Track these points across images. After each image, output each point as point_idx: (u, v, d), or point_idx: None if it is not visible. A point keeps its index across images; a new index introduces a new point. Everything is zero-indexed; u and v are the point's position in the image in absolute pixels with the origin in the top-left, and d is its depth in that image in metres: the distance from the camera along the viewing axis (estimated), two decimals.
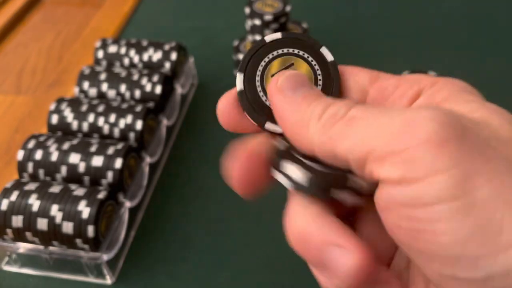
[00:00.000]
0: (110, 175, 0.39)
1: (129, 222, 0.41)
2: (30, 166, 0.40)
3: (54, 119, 0.45)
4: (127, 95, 0.48)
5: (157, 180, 0.46)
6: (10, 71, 0.62)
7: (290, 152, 0.18)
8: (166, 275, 0.39)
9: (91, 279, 0.38)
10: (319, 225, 0.17)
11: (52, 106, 0.45)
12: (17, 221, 0.36)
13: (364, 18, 0.67)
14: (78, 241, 0.36)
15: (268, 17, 0.52)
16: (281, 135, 0.19)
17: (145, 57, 0.51)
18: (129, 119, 0.43)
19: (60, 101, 0.46)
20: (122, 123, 0.43)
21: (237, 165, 0.18)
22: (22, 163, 0.41)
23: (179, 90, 0.51)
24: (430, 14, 0.67)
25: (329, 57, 0.20)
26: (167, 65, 0.51)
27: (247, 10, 0.53)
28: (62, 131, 0.45)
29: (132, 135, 0.43)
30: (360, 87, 0.19)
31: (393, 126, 0.15)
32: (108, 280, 0.38)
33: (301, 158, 0.17)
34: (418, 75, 0.19)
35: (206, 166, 0.47)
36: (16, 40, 0.67)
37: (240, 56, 0.54)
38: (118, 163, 0.39)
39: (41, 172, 0.40)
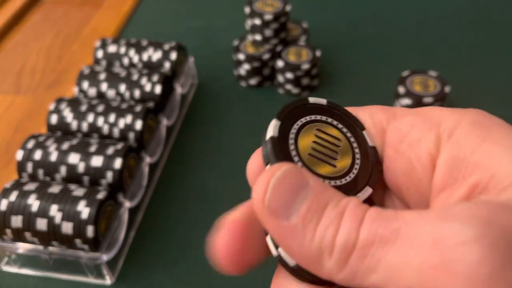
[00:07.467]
0: (109, 175, 0.39)
1: (129, 222, 0.40)
2: (29, 166, 0.40)
3: (54, 119, 0.45)
4: (127, 95, 0.47)
5: (157, 180, 0.46)
6: (10, 71, 0.62)
7: None
8: (166, 275, 0.39)
9: (90, 280, 0.38)
10: None
11: (52, 106, 0.45)
12: (17, 221, 0.36)
13: (364, 18, 0.67)
14: (78, 241, 0.36)
15: (268, 17, 0.52)
16: None
17: (145, 57, 0.51)
18: (128, 119, 0.43)
19: (59, 101, 0.46)
20: (121, 123, 0.43)
21: (226, 235, 0.16)
22: (21, 163, 0.41)
23: (179, 90, 0.51)
24: (430, 14, 0.67)
25: (370, 141, 0.18)
26: (167, 65, 0.51)
27: (247, 10, 0.53)
28: (61, 131, 0.44)
29: (131, 135, 0.43)
30: (378, 128, 0.17)
31: (422, 253, 0.12)
32: (108, 281, 0.38)
33: None
34: (434, 110, 0.16)
35: (206, 166, 0.47)
36: (16, 39, 0.67)
37: (240, 56, 0.54)
38: (118, 163, 0.39)
39: (40, 172, 0.40)
